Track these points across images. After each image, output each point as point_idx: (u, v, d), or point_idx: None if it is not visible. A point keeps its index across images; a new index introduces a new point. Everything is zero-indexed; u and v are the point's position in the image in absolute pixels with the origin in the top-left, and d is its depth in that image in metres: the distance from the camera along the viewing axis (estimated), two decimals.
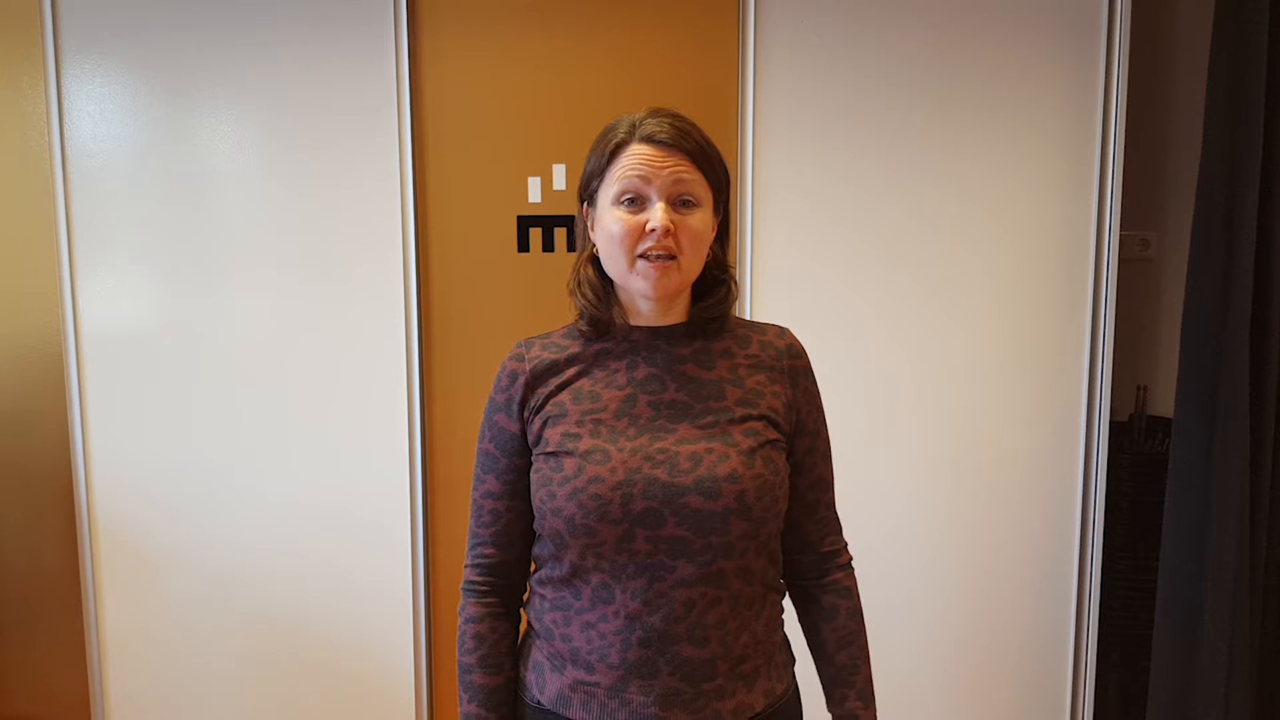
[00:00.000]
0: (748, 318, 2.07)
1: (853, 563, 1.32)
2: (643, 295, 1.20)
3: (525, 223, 2.20)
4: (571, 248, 2.19)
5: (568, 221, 2.20)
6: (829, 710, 1.29)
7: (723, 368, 1.23)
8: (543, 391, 1.23)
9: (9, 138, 2.26)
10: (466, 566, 1.28)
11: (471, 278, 2.21)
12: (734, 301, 1.26)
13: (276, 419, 2.23)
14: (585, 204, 1.25)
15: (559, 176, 2.18)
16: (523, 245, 2.20)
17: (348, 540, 2.25)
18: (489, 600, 1.26)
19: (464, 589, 1.28)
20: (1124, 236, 2.23)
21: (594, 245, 1.23)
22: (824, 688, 1.30)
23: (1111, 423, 2.21)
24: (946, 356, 2.20)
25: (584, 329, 1.25)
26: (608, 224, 1.18)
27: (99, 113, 2.17)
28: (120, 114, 2.17)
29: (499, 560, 1.26)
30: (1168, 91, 2.39)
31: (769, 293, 2.19)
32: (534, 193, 2.19)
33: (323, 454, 2.23)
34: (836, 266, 2.19)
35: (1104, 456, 2.20)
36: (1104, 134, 2.15)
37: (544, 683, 1.23)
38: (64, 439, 2.26)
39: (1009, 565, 2.26)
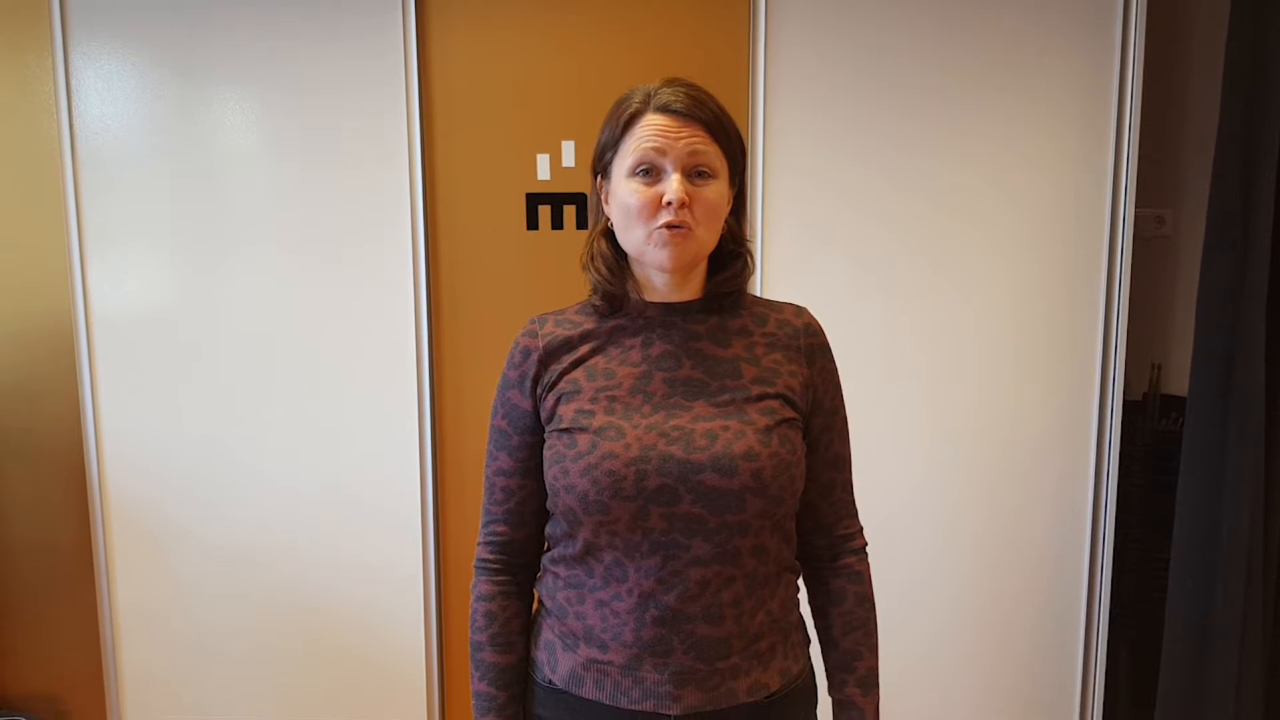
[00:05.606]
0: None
1: (867, 549, 1.31)
2: (658, 268, 1.18)
3: (534, 200, 2.18)
4: (581, 225, 2.18)
5: (577, 199, 2.18)
6: (829, 694, 1.29)
7: (739, 345, 1.22)
8: (556, 368, 1.22)
9: (17, 116, 2.25)
10: (479, 544, 1.28)
11: (480, 256, 2.20)
12: (750, 275, 1.25)
13: (285, 398, 2.23)
14: (599, 177, 1.23)
15: (568, 153, 2.17)
16: (532, 223, 2.19)
17: (359, 519, 2.25)
18: (501, 578, 1.26)
19: (476, 566, 1.27)
20: (1139, 213, 2.21)
21: (608, 219, 1.22)
22: (826, 672, 1.29)
23: (1125, 401, 2.20)
24: (959, 335, 2.19)
25: (598, 305, 1.23)
26: (623, 196, 1.16)
27: (107, 91, 2.16)
28: (128, 92, 2.16)
29: (511, 538, 1.26)
30: (1184, 67, 2.36)
31: (780, 272, 2.17)
32: (543, 170, 2.17)
33: (332, 433, 2.23)
34: (848, 245, 2.17)
35: (1117, 435, 2.19)
36: (1119, 110, 2.12)
37: (556, 662, 1.22)
38: (75, 419, 2.26)
39: (1022, 543, 2.25)
